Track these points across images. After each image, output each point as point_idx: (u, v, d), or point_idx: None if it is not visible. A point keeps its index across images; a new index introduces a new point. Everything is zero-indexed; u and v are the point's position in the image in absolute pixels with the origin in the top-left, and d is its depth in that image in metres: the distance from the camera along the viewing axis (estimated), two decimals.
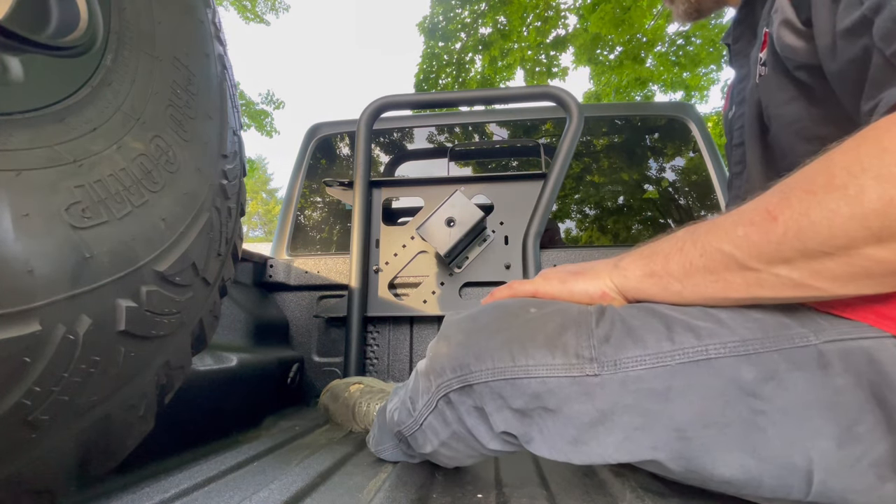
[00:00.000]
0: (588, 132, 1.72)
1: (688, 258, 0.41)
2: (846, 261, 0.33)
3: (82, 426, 0.41)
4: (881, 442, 0.36)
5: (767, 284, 0.37)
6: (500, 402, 0.46)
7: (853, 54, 0.38)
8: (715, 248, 0.39)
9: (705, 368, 0.40)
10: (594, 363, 0.43)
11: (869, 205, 0.31)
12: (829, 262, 0.33)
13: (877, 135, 0.32)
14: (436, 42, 5.64)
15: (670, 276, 0.43)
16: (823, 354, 0.38)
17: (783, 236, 0.35)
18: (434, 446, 0.55)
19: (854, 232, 0.31)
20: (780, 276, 0.36)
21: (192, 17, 0.60)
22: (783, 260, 0.35)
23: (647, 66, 5.54)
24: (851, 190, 0.31)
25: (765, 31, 0.53)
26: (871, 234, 0.31)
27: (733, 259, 0.38)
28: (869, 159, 0.31)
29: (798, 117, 0.49)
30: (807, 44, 0.45)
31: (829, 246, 0.33)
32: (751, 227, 0.37)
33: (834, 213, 0.32)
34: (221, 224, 0.58)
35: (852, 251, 0.32)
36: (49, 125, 0.39)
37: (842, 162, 0.33)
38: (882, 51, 0.35)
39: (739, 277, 0.38)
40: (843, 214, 0.32)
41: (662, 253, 0.44)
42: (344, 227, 1.65)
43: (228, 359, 0.92)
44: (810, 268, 0.34)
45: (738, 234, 0.38)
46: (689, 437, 0.40)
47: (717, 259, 0.39)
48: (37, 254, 0.34)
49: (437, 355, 0.52)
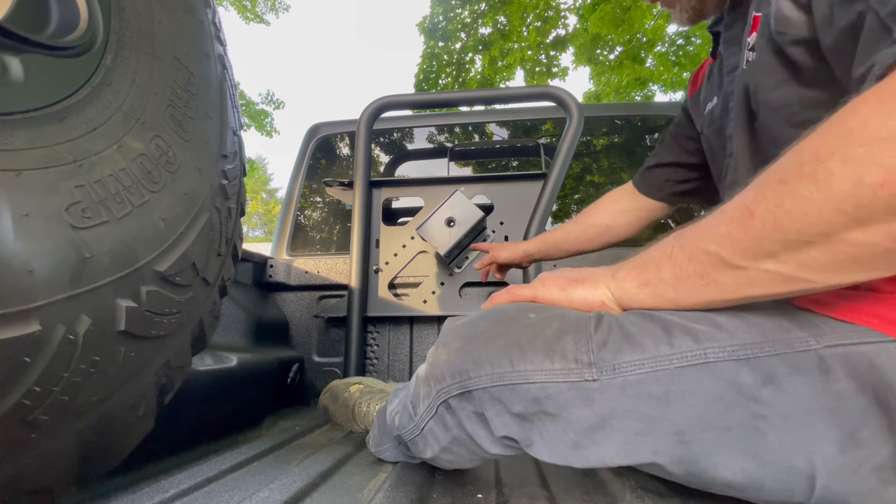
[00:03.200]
0: (588, 132, 1.72)
1: (677, 264, 0.41)
2: (829, 248, 0.32)
3: (82, 426, 0.41)
4: (884, 446, 0.36)
5: (757, 281, 0.36)
6: (500, 407, 0.46)
7: (849, 20, 0.38)
8: (701, 250, 0.39)
9: (704, 372, 0.40)
10: (593, 368, 0.42)
11: (839, 187, 0.30)
12: (813, 252, 0.33)
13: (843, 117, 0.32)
14: (436, 42, 5.64)
15: (664, 284, 0.43)
16: (824, 359, 0.37)
17: (762, 230, 0.34)
18: (435, 451, 0.55)
19: (830, 217, 0.31)
20: (769, 272, 0.35)
21: (192, 17, 0.60)
22: (767, 254, 0.35)
23: (647, 66, 5.53)
24: (820, 175, 0.31)
25: (754, 14, 0.52)
26: (848, 217, 0.30)
27: (719, 258, 0.38)
28: (834, 142, 0.31)
29: (787, 102, 0.48)
30: (805, 15, 0.44)
31: (808, 234, 0.32)
32: (732, 225, 0.37)
33: (807, 200, 0.32)
34: (221, 224, 0.58)
35: (833, 237, 0.31)
36: (49, 125, 0.39)
37: (810, 148, 0.33)
38: (877, 12, 0.34)
39: (729, 277, 0.38)
40: (816, 200, 0.31)
41: (654, 262, 0.44)
42: (344, 227, 1.65)
43: (228, 359, 0.92)
44: (796, 259, 0.34)
45: (720, 232, 0.38)
46: (689, 440, 0.40)
47: (705, 261, 0.39)
48: (37, 254, 0.34)
49: (437, 361, 0.51)
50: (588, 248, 1.01)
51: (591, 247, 1.00)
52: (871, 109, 0.30)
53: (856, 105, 0.31)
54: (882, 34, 0.34)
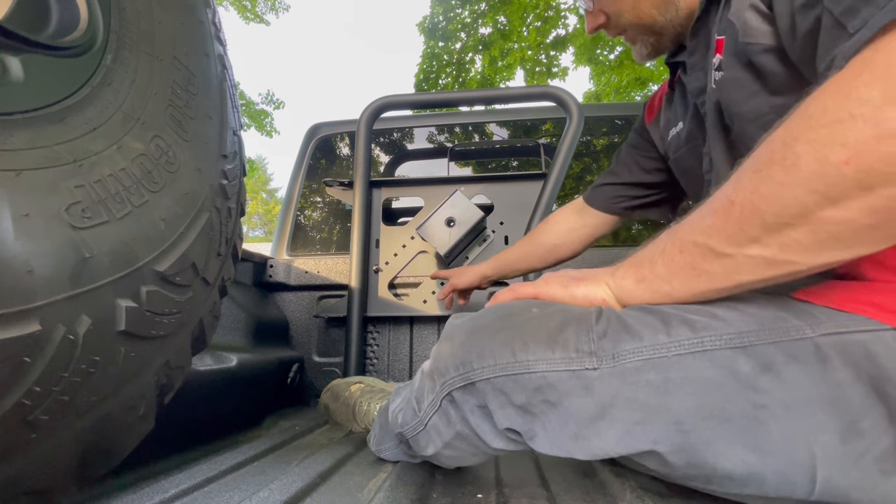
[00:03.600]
0: (588, 132, 1.72)
1: (669, 258, 0.43)
2: (808, 228, 0.34)
3: (82, 426, 0.41)
4: (885, 436, 0.36)
5: (744, 267, 0.38)
6: (503, 398, 0.47)
7: (808, 26, 0.40)
8: (690, 242, 0.41)
9: (701, 360, 0.40)
10: (593, 357, 0.43)
11: (807, 168, 0.32)
12: (794, 233, 0.34)
13: (805, 105, 0.34)
14: (436, 42, 5.64)
15: (658, 279, 0.44)
16: (820, 348, 0.38)
17: (741, 216, 0.36)
18: (437, 448, 0.55)
19: (803, 198, 0.33)
20: (754, 257, 0.37)
21: (192, 17, 0.60)
22: (750, 239, 0.36)
23: (647, 66, 5.53)
24: (789, 160, 0.33)
25: (717, 38, 0.55)
26: (820, 196, 0.32)
27: (707, 248, 0.39)
28: (798, 128, 0.33)
29: (761, 111, 0.50)
30: (770, 27, 0.47)
31: (785, 216, 0.34)
32: (715, 216, 0.39)
33: (780, 184, 0.34)
34: (221, 224, 0.58)
35: (809, 217, 0.33)
36: (49, 125, 0.39)
37: (778, 137, 0.35)
38: (831, 11, 0.37)
39: (718, 266, 0.39)
40: (788, 183, 0.33)
41: (648, 258, 0.46)
42: (344, 227, 1.65)
43: (228, 359, 0.92)
44: (778, 242, 0.35)
45: (706, 224, 0.40)
46: (688, 429, 0.41)
47: (694, 252, 0.41)
48: (37, 254, 0.34)
49: (441, 355, 0.52)
50: (539, 267, 1.06)
51: (542, 265, 1.05)
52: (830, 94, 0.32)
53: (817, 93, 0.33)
54: (838, 31, 0.36)
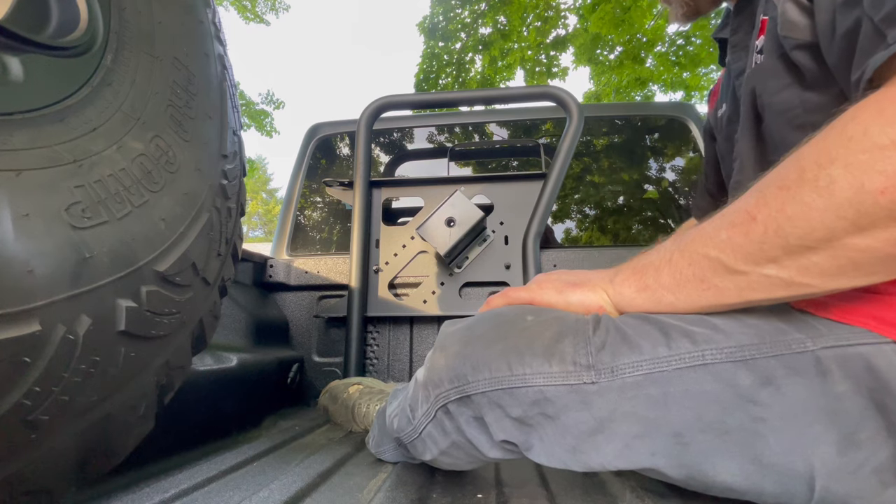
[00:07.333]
0: (588, 132, 1.72)
1: (677, 269, 0.41)
2: (830, 253, 0.32)
3: (82, 426, 0.41)
4: (883, 448, 0.36)
5: (758, 286, 0.37)
6: (499, 411, 0.46)
7: (847, 26, 0.38)
8: (701, 255, 0.39)
9: (702, 374, 0.40)
10: (591, 371, 0.42)
11: (841, 194, 0.31)
12: (815, 257, 0.33)
13: (842, 124, 0.32)
14: (436, 42, 5.64)
15: (663, 289, 0.43)
16: (821, 361, 0.38)
17: (764, 235, 0.35)
18: (434, 454, 0.55)
19: (831, 223, 0.31)
20: (770, 277, 0.36)
21: (192, 17, 0.60)
22: (769, 259, 0.35)
23: (647, 66, 5.53)
24: (822, 181, 0.32)
25: (762, 18, 0.52)
26: (849, 223, 0.31)
27: (720, 263, 0.38)
28: (835, 149, 0.32)
29: (791, 105, 0.49)
30: (809, 20, 0.44)
31: (810, 240, 0.33)
32: (733, 230, 0.37)
33: (809, 206, 0.32)
34: (221, 224, 0.58)
35: (834, 242, 0.32)
36: (49, 125, 0.39)
37: (810, 155, 0.33)
38: (871, 18, 0.35)
39: (730, 282, 0.38)
40: (818, 207, 0.32)
41: (653, 266, 0.44)
42: (344, 227, 1.65)
43: (228, 359, 0.92)
44: (797, 264, 0.34)
45: (721, 238, 0.38)
46: (687, 442, 0.40)
47: (706, 266, 0.39)
48: (37, 254, 0.34)
49: (435, 366, 0.51)
50: None
51: None
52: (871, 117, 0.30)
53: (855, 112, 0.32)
54: (877, 39, 0.35)
